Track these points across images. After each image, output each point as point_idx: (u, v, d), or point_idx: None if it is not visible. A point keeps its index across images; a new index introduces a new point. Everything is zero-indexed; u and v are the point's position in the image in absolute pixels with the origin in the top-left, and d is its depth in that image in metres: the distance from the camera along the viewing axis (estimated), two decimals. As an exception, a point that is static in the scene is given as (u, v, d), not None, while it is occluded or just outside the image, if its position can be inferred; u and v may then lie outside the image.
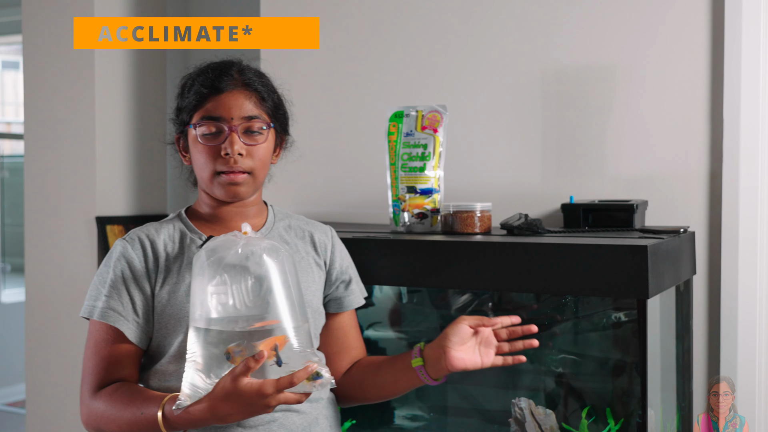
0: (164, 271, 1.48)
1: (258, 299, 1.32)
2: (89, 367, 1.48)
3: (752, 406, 1.96)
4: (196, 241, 1.52)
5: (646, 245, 1.58)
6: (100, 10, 2.97)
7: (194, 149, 1.51)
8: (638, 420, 1.67)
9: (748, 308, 1.96)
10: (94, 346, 1.48)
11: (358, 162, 2.43)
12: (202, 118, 1.48)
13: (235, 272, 1.32)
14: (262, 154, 1.51)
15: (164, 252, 1.50)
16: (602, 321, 1.93)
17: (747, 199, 1.96)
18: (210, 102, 1.49)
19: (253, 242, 1.34)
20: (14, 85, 6.21)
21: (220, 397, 1.28)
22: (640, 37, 2.09)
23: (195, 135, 1.49)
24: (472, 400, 2.09)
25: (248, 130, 1.49)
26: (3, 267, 5.42)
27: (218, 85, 1.50)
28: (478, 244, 1.77)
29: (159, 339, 1.47)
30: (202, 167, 1.49)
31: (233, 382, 1.26)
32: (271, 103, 1.55)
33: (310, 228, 1.62)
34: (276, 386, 1.26)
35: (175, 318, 1.45)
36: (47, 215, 3.07)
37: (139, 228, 1.54)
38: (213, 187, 1.49)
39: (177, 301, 1.46)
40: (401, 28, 2.39)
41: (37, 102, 3.09)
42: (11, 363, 5.04)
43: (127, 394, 1.41)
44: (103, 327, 1.47)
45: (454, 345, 1.47)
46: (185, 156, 1.56)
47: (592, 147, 2.14)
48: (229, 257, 1.33)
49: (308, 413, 1.48)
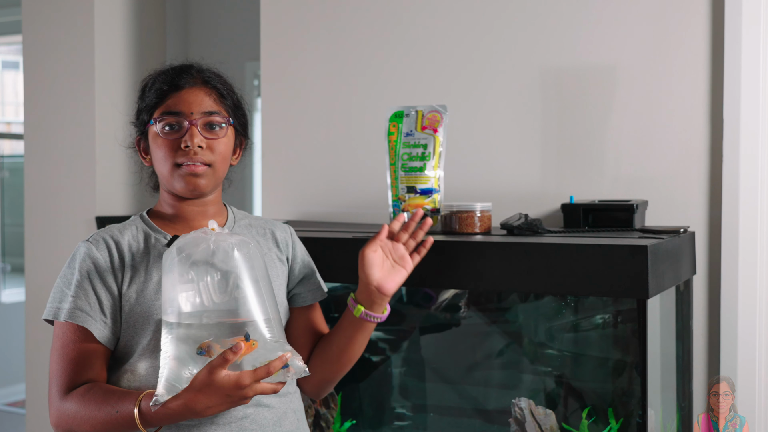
0: (131, 270, 1.49)
1: (229, 293, 1.34)
2: (57, 369, 1.47)
3: (752, 406, 1.96)
4: (161, 240, 1.53)
5: (646, 245, 1.58)
6: (100, 9, 2.97)
7: (154, 145, 1.54)
8: (638, 420, 1.67)
9: (748, 308, 1.96)
10: (61, 348, 1.47)
11: (358, 162, 2.43)
12: (163, 113, 1.52)
13: (205, 268, 1.34)
14: (222, 149, 1.53)
15: (129, 252, 1.51)
16: (599, 321, 1.93)
17: (747, 199, 1.96)
18: (170, 98, 1.52)
19: (222, 238, 1.36)
20: (14, 85, 6.21)
21: (197, 391, 1.29)
22: (640, 37, 2.09)
23: (155, 131, 1.52)
24: (472, 400, 2.09)
25: (208, 124, 1.52)
26: (3, 267, 5.42)
27: (178, 82, 1.53)
28: (478, 244, 1.77)
29: (127, 338, 1.47)
30: (163, 161, 1.52)
31: (210, 374, 1.28)
32: (231, 102, 1.58)
33: (270, 226, 1.65)
34: (253, 377, 1.29)
35: (143, 316, 1.46)
36: (47, 215, 3.07)
37: (101, 230, 1.55)
38: (173, 180, 1.51)
39: (146, 299, 1.47)
40: (401, 28, 2.39)
41: (37, 102, 3.09)
42: (11, 363, 5.04)
43: (100, 394, 1.42)
44: (71, 328, 1.46)
45: (375, 275, 1.55)
46: (146, 157, 1.59)
47: (592, 147, 2.14)
48: (199, 253, 1.35)
49: (278, 408, 1.51)
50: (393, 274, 1.58)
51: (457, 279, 1.79)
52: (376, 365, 2.17)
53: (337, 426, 2.07)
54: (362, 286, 1.57)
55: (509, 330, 2.07)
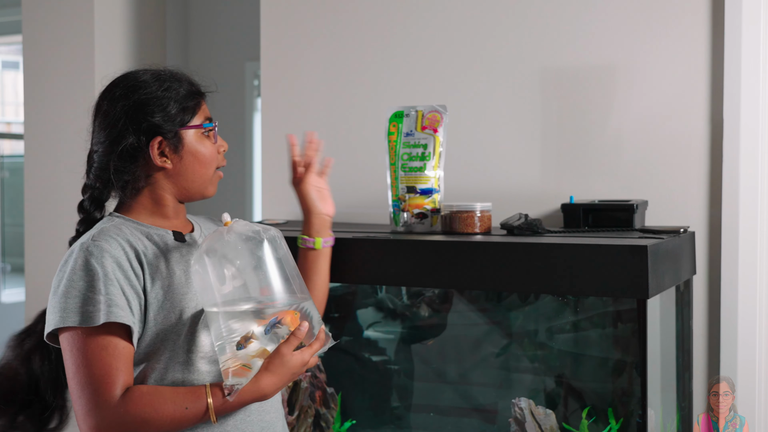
0: (149, 267, 1.45)
1: (264, 276, 1.42)
2: (93, 377, 1.38)
3: (752, 406, 1.96)
4: (164, 236, 1.51)
5: (646, 245, 1.58)
6: (100, 9, 2.97)
7: (200, 146, 1.54)
8: (638, 420, 1.67)
9: (748, 308, 1.96)
10: (94, 353, 1.38)
11: (358, 162, 2.43)
12: (207, 118, 1.57)
13: (243, 259, 1.42)
14: None
15: (142, 249, 1.47)
16: (602, 321, 1.93)
17: (747, 199, 1.97)
18: (203, 104, 1.58)
19: (245, 229, 1.43)
20: (14, 85, 6.21)
21: (270, 372, 1.40)
22: (640, 37, 2.09)
23: (200, 132, 1.55)
24: (472, 400, 2.09)
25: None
26: (3, 267, 5.42)
27: (200, 90, 1.58)
28: (478, 244, 1.77)
29: (154, 336, 1.44)
30: (208, 164, 1.56)
31: (284, 356, 1.39)
32: None
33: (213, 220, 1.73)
34: (311, 352, 1.42)
35: (175, 312, 1.44)
36: (47, 215, 3.07)
37: (98, 232, 1.47)
38: (209, 184, 1.57)
39: (174, 295, 1.45)
40: (402, 28, 2.39)
41: (37, 102, 3.09)
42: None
43: (158, 395, 1.39)
44: (103, 331, 1.39)
45: (318, 204, 1.77)
46: (164, 160, 1.51)
47: (592, 147, 2.14)
48: (236, 246, 1.41)
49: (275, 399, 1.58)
50: (326, 197, 1.78)
51: (457, 279, 1.79)
52: (376, 365, 2.17)
53: (337, 426, 2.07)
54: (311, 221, 1.76)
55: (509, 330, 2.08)
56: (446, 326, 2.14)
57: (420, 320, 2.16)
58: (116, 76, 1.56)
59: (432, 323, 2.15)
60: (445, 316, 2.13)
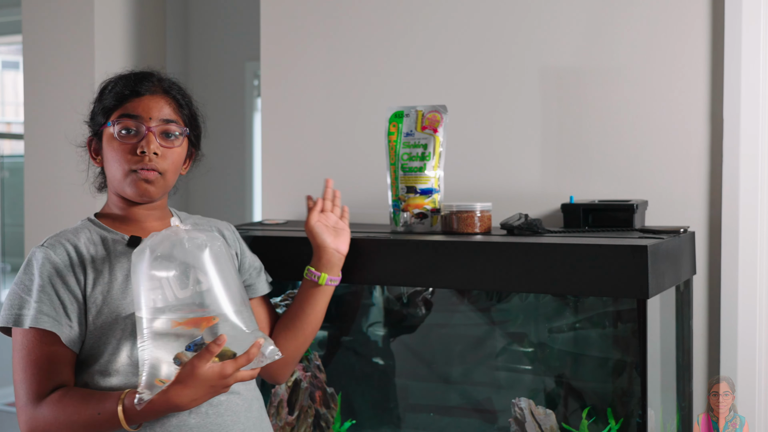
0: (93, 271, 1.49)
1: (200, 287, 1.38)
2: (25, 378, 1.45)
3: (752, 406, 1.96)
4: (118, 241, 1.54)
5: (646, 245, 1.58)
6: (100, 9, 2.97)
7: (109, 147, 1.55)
8: (638, 420, 1.67)
9: (748, 308, 1.96)
10: (27, 356, 1.45)
11: (358, 162, 2.43)
12: (121, 116, 1.54)
13: (178, 265, 1.38)
14: (175, 158, 1.57)
15: (88, 253, 1.51)
16: (603, 321, 1.93)
17: (747, 199, 1.96)
18: (130, 102, 1.55)
19: (193, 235, 1.40)
20: (14, 85, 6.21)
21: (182, 384, 1.34)
22: (640, 37, 2.09)
23: (111, 133, 1.54)
24: (472, 400, 2.09)
25: (165, 132, 1.55)
26: (3, 267, 5.42)
27: (138, 88, 1.56)
28: (478, 244, 1.77)
29: (94, 339, 1.47)
30: (117, 165, 1.53)
31: (195, 368, 1.33)
32: (188, 112, 1.62)
33: (215, 224, 1.71)
34: (235, 366, 1.36)
35: (112, 316, 1.46)
36: (47, 215, 3.07)
37: (55, 235, 1.54)
38: (124, 185, 1.54)
39: (113, 299, 1.47)
40: (402, 27, 2.39)
41: (37, 102, 3.09)
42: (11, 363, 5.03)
43: (76, 398, 1.41)
44: (36, 334, 1.45)
45: (329, 240, 1.73)
46: (95, 158, 1.61)
47: (592, 147, 2.14)
48: (171, 251, 1.38)
49: (246, 395, 1.56)
50: (341, 236, 1.76)
51: (457, 279, 1.79)
52: (375, 365, 2.17)
53: (337, 426, 2.07)
54: (320, 255, 1.72)
55: (509, 330, 2.08)
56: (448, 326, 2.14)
57: (420, 320, 2.16)
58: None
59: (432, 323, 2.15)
60: (445, 316, 2.13)
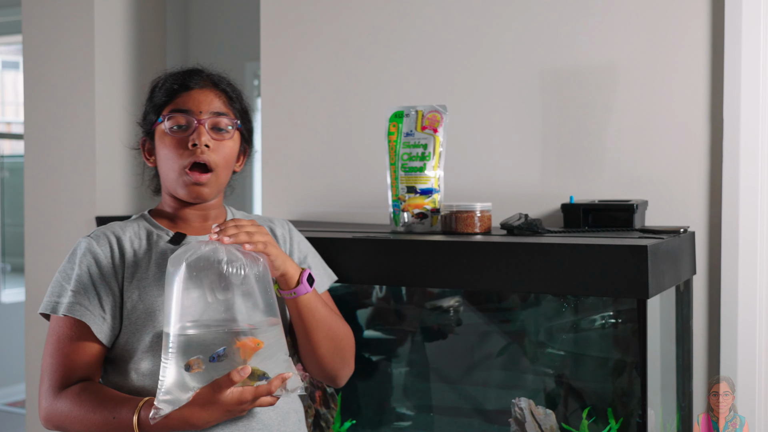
0: (132, 267, 1.49)
1: (232, 307, 1.34)
2: (51, 365, 1.46)
3: (752, 406, 1.96)
4: (163, 237, 1.53)
5: (646, 245, 1.58)
6: (100, 9, 2.97)
7: (161, 144, 1.53)
8: (638, 420, 1.67)
9: (748, 308, 1.96)
10: (56, 342, 1.46)
11: (358, 162, 2.43)
12: (171, 111, 1.52)
13: (210, 279, 1.34)
14: (227, 153, 1.54)
15: (131, 248, 1.50)
16: (601, 321, 1.93)
17: (747, 199, 1.96)
18: (180, 97, 1.53)
19: (232, 255, 1.36)
20: (14, 85, 6.21)
21: (199, 406, 1.32)
22: (640, 36, 2.09)
23: (163, 129, 1.52)
24: (472, 400, 2.09)
25: (216, 126, 1.52)
26: (3, 267, 5.42)
27: (188, 83, 1.54)
28: (478, 244, 1.77)
29: (128, 336, 1.46)
30: (170, 162, 1.51)
31: (215, 393, 1.31)
32: (239, 106, 1.59)
33: (268, 223, 1.67)
34: (255, 394, 1.33)
35: (146, 313, 1.45)
36: (47, 215, 3.07)
37: (103, 226, 1.55)
38: (177, 186, 1.51)
39: (148, 296, 1.46)
40: (401, 27, 2.39)
41: (37, 102, 3.09)
42: (11, 363, 5.04)
43: (96, 396, 1.41)
44: (68, 323, 1.46)
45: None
46: (149, 159, 1.60)
47: (592, 147, 2.14)
48: (207, 269, 1.34)
49: (281, 408, 1.52)
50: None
51: (457, 279, 1.79)
52: (376, 365, 2.17)
53: (337, 426, 2.07)
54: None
55: (509, 330, 2.08)
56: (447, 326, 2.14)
57: (420, 320, 2.16)
58: None
59: (431, 323, 2.15)
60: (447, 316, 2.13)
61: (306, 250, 1.70)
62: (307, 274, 1.50)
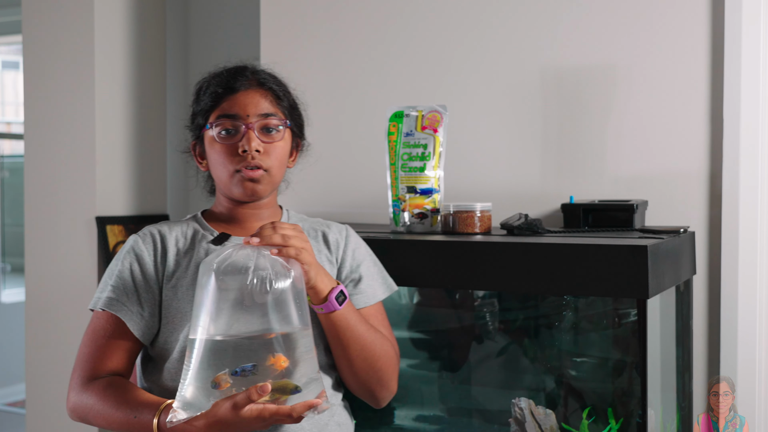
0: (173, 266, 1.49)
1: (260, 312, 1.30)
2: (84, 355, 1.47)
3: (752, 406, 1.96)
4: (207, 237, 1.52)
5: (646, 245, 1.58)
6: (100, 9, 2.97)
7: (211, 150, 1.51)
8: (638, 420, 1.67)
9: (748, 308, 1.96)
10: (92, 334, 1.47)
11: (358, 162, 2.43)
12: (218, 117, 1.49)
13: (238, 286, 1.30)
14: (279, 153, 1.51)
15: (174, 247, 1.50)
16: (602, 321, 1.93)
17: (747, 199, 1.96)
18: (225, 101, 1.49)
19: (262, 264, 1.32)
20: (14, 85, 6.20)
21: (218, 420, 1.27)
22: (640, 37, 2.09)
23: (212, 135, 1.50)
24: (472, 400, 2.09)
25: (265, 127, 1.50)
26: (3, 267, 5.42)
27: (233, 84, 1.50)
28: (478, 244, 1.77)
29: (166, 335, 1.47)
30: (220, 167, 1.49)
31: (234, 410, 1.25)
32: (287, 103, 1.56)
33: (323, 228, 1.62)
34: (275, 412, 1.26)
35: (181, 314, 1.45)
36: (47, 215, 3.07)
37: (154, 224, 1.55)
38: (231, 185, 1.49)
39: (184, 297, 1.46)
40: (401, 27, 2.39)
41: (37, 102, 3.09)
42: (11, 363, 5.04)
43: (120, 393, 1.41)
44: (105, 317, 1.47)
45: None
46: (201, 162, 1.57)
47: (592, 147, 2.14)
48: (233, 269, 1.31)
49: (318, 418, 1.47)
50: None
51: (457, 279, 1.79)
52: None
53: (337, 426, 2.06)
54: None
55: (509, 330, 2.07)
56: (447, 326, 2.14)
57: (422, 320, 2.16)
58: None
59: (432, 323, 2.15)
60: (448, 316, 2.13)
61: (361, 258, 1.62)
62: (336, 291, 1.42)
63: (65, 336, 3.01)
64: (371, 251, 1.67)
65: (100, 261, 2.95)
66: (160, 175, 3.22)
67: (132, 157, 3.10)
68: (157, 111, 3.20)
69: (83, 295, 2.97)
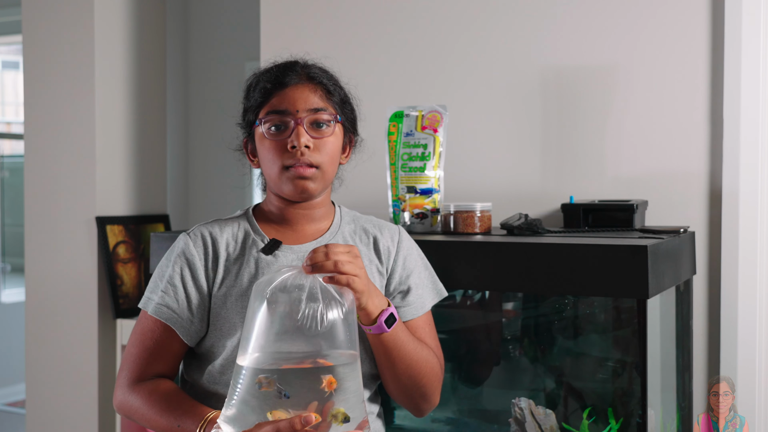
0: (223, 271, 1.47)
1: (312, 343, 1.25)
2: (132, 355, 1.47)
3: (752, 406, 1.96)
4: (258, 243, 1.49)
5: (646, 245, 1.58)
6: (100, 9, 2.97)
7: (261, 147, 1.48)
8: (638, 420, 1.67)
9: (748, 308, 1.96)
10: (140, 334, 1.47)
11: (358, 162, 2.43)
12: (268, 113, 1.46)
13: (291, 316, 1.26)
14: (330, 149, 1.47)
15: (225, 252, 1.48)
16: (602, 321, 1.93)
17: (747, 199, 1.97)
18: (275, 97, 1.47)
19: (312, 283, 1.29)
20: (14, 85, 6.20)
21: None
22: (640, 37, 2.09)
23: (261, 132, 1.47)
24: (472, 400, 2.09)
25: (315, 122, 1.46)
26: (3, 267, 5.42)
27: (283, 79, 1.48)
28: (478, 244, 1.77)
29: (213, 340, 1.45)
30: (270, 163, 1.46)
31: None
32: (338, 98, 1.52)
33: (375, 232, 1.56)
34: None
35: (229, 321, 1.44)
36: (47, 215, 3.07)
37: (205, 223, 1.52)
38: (281, 183, 1.45)
39: (234, 307, 1.44)
40: (401, 28, 2.39)
41: (37, 102, 3.09)
42: (11, 363, 5.04)
43: (166, 399, 1.41)
44: (155, 321, 1.46)
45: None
46: (253, 160, 1.54)
47: (592, 147, 2.14)
48: (284, 298, 1.27)
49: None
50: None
51: (457, 279, 1.79)
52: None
53: (337, 426, 2.06)
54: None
55: (509, 329, 2.07)
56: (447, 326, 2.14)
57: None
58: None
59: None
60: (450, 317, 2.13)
61: (412, 266, 1.57)
62: (386, 315, 1.38)
63: (65, 336, 3.01)
64: (422, 254, 1.62)
65: (100, 261, 2.95)
66: (160, 175, 3.22)
67: (132, 157, 3.10)
68: (157, 111, 3.20)
69: (83, 295, 2.98)
